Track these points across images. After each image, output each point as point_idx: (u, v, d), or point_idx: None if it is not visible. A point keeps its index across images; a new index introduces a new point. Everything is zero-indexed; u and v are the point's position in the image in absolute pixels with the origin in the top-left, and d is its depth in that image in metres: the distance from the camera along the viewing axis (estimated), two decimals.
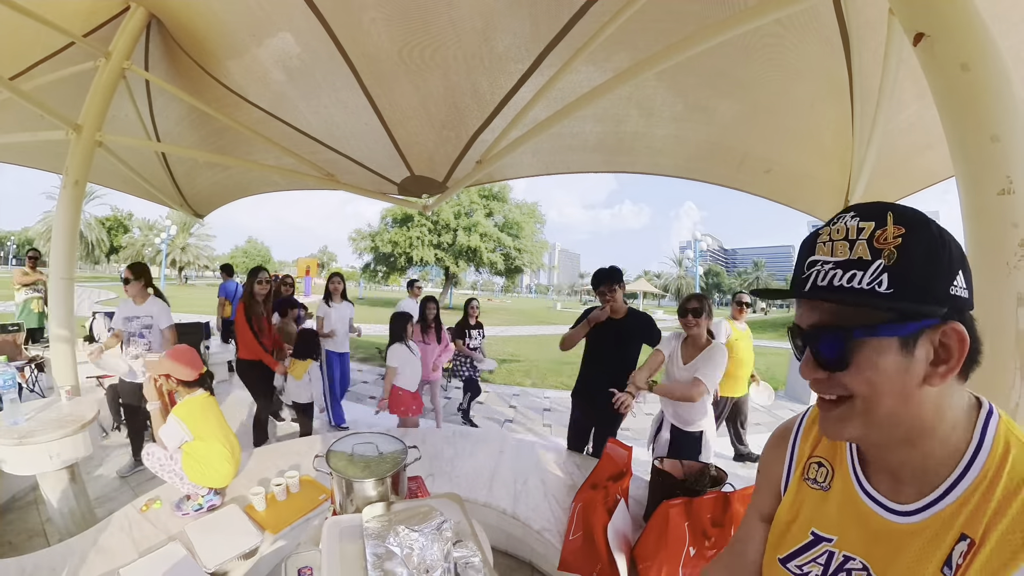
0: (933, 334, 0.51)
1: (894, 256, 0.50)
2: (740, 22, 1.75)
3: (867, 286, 0.50)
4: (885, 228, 0.51)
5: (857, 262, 0.51)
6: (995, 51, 1.12)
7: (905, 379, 0.51)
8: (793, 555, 0.68)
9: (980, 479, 0.52)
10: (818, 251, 0.55)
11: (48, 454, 2.18)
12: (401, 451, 1.56)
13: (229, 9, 2.53)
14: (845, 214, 0.54)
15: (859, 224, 0.52)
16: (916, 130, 2.53)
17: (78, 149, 2.80)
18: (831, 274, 0.53)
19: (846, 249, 0.52)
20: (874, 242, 0.51)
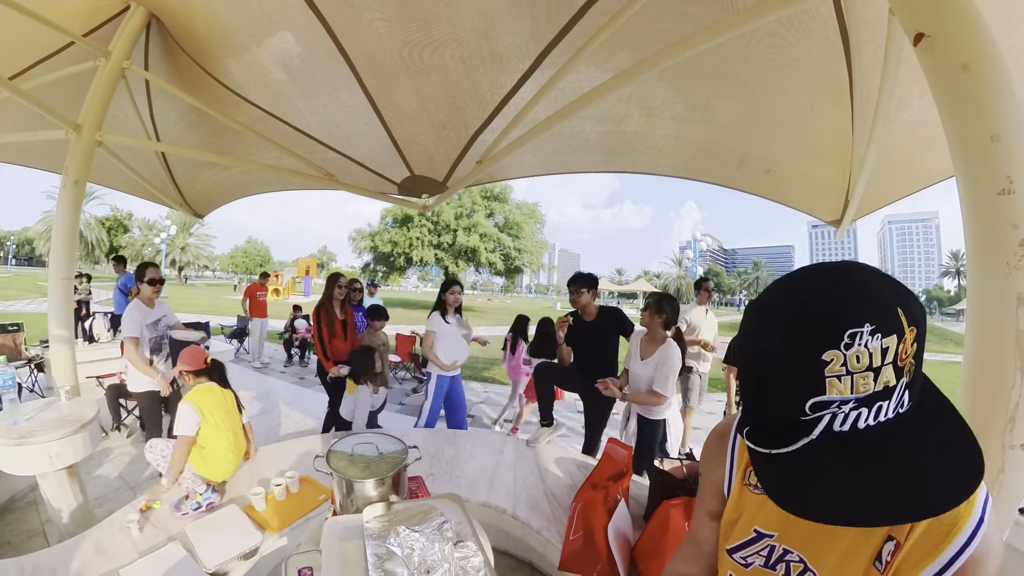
0: None
1: (913, 367, 0.42)
2: (740, 22, 1.75)
3: (892, 415, 0.42)
4: (904, 338, 0.41)
5: (882, 392, 0.41)
6: (995, 51, 1.12)
7: None
8: (739, 547, 0.71)
9: None
10: (830, 389, 0.42)
11: (48, 454, 2.18)
12: (401, 451, 1.56)
13: (229, 9, 2.53)
14: (859, 330, 0.41)
15: (883, 343, 0.41)
16: (916, 130, 2.53)
17: (78, 149, 2.80)
18: (853, 416, 0.42)
19: (870, 382, 0.41)
20: (898, 362, 0.41)
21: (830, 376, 0.41)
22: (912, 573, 0.51)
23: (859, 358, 0.41)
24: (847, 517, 0.43)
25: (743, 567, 0.71)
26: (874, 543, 0.55)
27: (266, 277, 8.84)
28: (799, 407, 0.44)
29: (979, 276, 1.14)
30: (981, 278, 1.14)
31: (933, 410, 0.44)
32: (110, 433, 4.01)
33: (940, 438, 0.42)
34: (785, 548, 0.65)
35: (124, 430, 4.08)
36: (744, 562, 0.71)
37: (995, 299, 1.10)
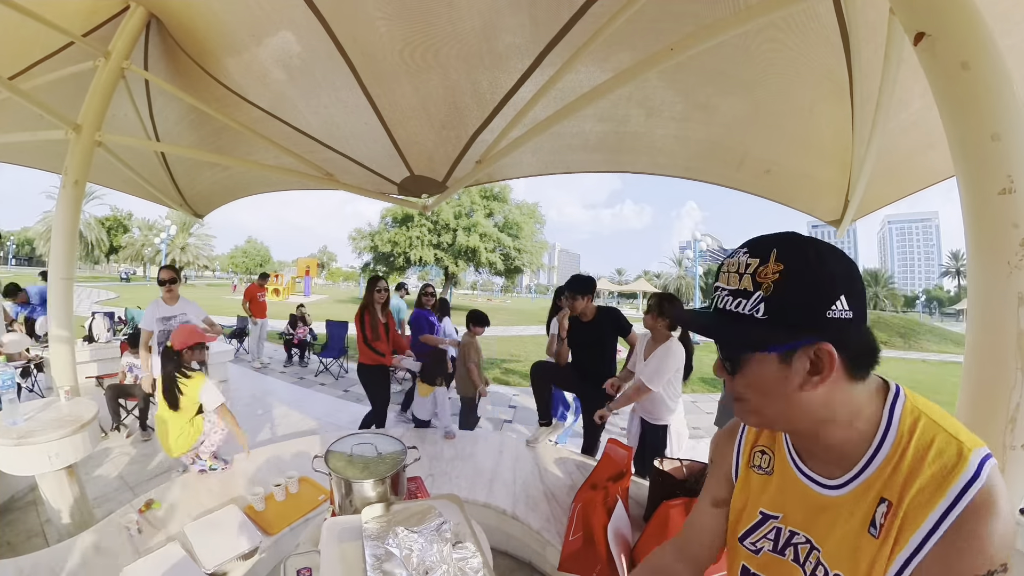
0: (808, 350, 0.60)
1: (771, 289, 0.59)
2: (740, 22, 1.75)
3: (747, 312, 0.61)
4: (767, 265, 0.60)
5: (742, 292, 0.61)
6: (995, 50, 1.12)
7: (784, 386, 0.62)
8: (748, 533, 0.77)
9: (892, 452, 0.61)
10: (720, 279, 0.65)
11: (47, 454, 2.18)
12: (400, 452, 1.56)
13: (229, 9, 2.53)
14: (740, 250, 0.64)
15: (747, 260, 0.62)
16: (917, 129, 2.53)
17: (77, 149, 2.80)
18: (726, 300, 0.63)
19: (736, 280, 0.62)
20: (756, 276, 0.60)
21: (721, 272, 0.66)
22: (904, 536, 0.57)
23: (733, 264, 0.63)
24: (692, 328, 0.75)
25: (754, 554, 0.76)
26: (865, 507, 0.62)
27: (265, 278, 8.82)
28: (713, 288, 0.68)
29: (980, 276, 1.14)
30: (982, 278, 1.13)
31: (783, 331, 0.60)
32: (109, 433, 4.00)
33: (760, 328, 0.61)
34: (791, 530, 0.71)
35: (123, 430, 4.08)
36: (754, 548, 0.76)
37: (996, 299, 1.10)
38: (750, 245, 0.63)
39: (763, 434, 0.81)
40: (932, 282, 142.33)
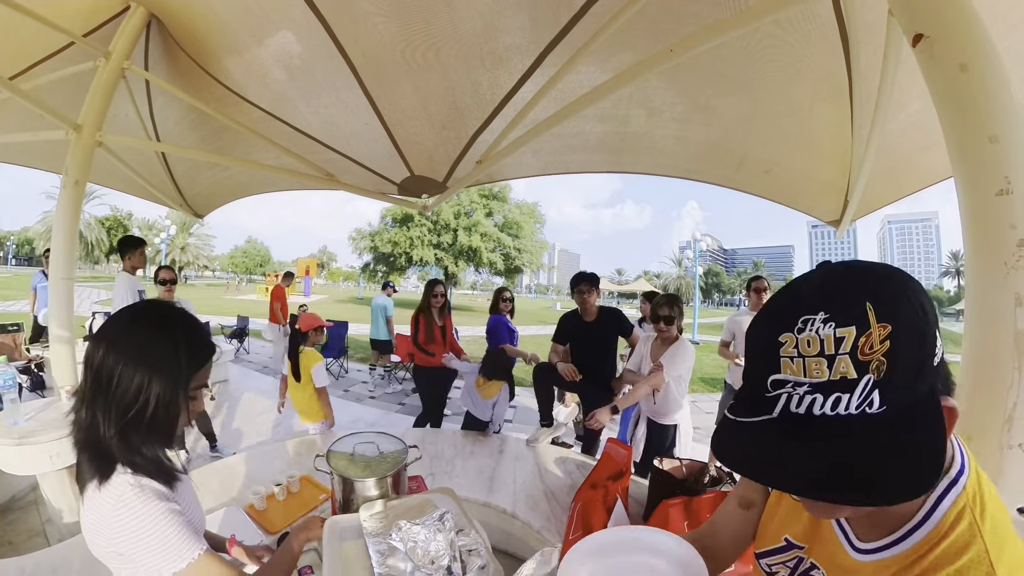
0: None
1: (884, 367, 0.41)
2: (740, 22, 1.75)
3: (856, 411, 0.42)
4: (869, 333, 0.41)
5: (840, 383, 0.42)
6: (993, 52, 1.12)
7: None
8: (767, 554, 0.70)
9: (924, 542, 0.50)
10: (784, 368, 0.44)
11: (48, 454, 2.18)
12: (402, 451, 1.56)
13: (229, 9, 2.53)
14: (813, 316, 0.43)
15: (836, 333, 0.42)
16: (915, 130, 2.54)
17: (78, 149, 2.80)
18: (808, 400, 0.43)
19: (824, 368, 0.42)
20: (858, 355, 0.41)
21: (784, 356, 0.44)
22: None
23: (810, 343, 0.43)
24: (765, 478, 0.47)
25: (767, 574, 0.70)
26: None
27: (290, 277, 8.34)
28: (763, 383, 0.46)
29: (978, 276, 1.15)
30: (979, 278, 1.14)
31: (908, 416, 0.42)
32: None
33: (897, 441, 0.41)
34: (812, 563, 0.63)
35: None
36: (769, 569, 0.70)
37: (993, 299, 1.10)
38: (824, 304, 0.43)
39: None
40: (932, 282, 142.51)
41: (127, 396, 0.81)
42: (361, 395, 6.49)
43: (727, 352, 4.21)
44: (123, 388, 0.81)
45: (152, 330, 0.85)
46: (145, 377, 0.81)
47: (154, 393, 0.81)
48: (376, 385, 7.15)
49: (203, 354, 0.88)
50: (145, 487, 0.82)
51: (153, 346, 0.83)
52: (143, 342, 0.83)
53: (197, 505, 1.01)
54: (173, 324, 0.87)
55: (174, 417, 0.85)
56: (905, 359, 0.41)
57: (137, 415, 0.81)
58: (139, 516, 0.78)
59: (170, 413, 0.84)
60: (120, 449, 0.82)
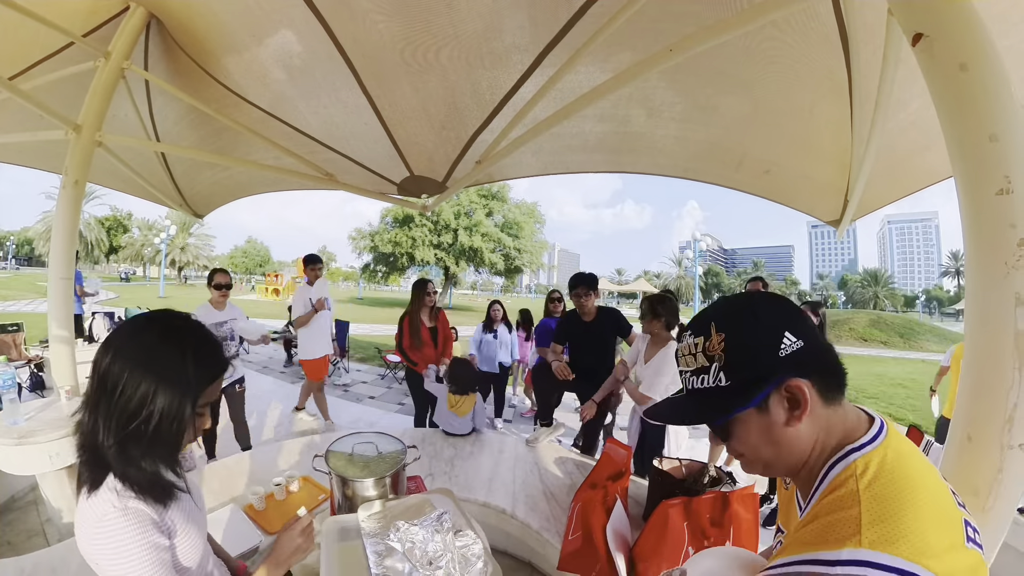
0: (779, 392, 0.65)
1: (723, 358, 0.66)
2: (740, 23, 1.75)
3: (713, 384, 0.67)
4: (710, 339, 0.67)
5: (702, 369, 0.68)
6: (993, 51, 1.12)
7: (771, 432, 0.66)
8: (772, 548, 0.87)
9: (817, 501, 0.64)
10: (680, 363, 0.74)
11: (47, 454, 2.18)
12: (400, 451, 1.56)
13: (228, 9, 2.53)
14: (686, 333, 0.72)
15: (694, 340, 0.70)
16: (915, 130, 2.53)
17: (77, 149, 2.80)
18: (691, 380, 0.71)
19: (693, 361, 0.70)
20: (707, 351, 0.67)
21: (680, 358, 0.74)
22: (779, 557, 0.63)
23: (685, 348, 0.72)
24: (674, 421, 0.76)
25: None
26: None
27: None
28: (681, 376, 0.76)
29: (977, 276, 1.14)
30: (979, 278, 1.14)
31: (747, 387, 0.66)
32: None
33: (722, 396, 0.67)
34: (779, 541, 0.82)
35: None
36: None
37: (993, 299, 1.10)
38: (691, 327, 0.72)
39: None
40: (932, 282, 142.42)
41: (130, 406, 0.78)
42: (361, 395, 6.49)
43: None
44: (127, 397, 0.78)
45: (161, 340, 0.81)
46: (151, 388, 0.78)
47: (158, 406, 0.78)
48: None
49: (214, 369, 0.85)
50: (130, 512, 0.79)
51: (161, 357, 0.80)
52: (151, 352, 0.80)
53: (197, 519, 0.95)
54: (183, 336, 0.83)
55: (178, 433, 0.82)
56: (738, 353, 0.65)
57: (139, 427, 0.78)
58: (116, 542, 0.76)
59: (174, 429, 0.81)
60: (117, 459, 0.80)
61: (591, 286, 3.19)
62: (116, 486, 0.80)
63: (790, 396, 0.64)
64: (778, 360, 0.64)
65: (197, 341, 0.84)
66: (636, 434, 2.92)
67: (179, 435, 0.82)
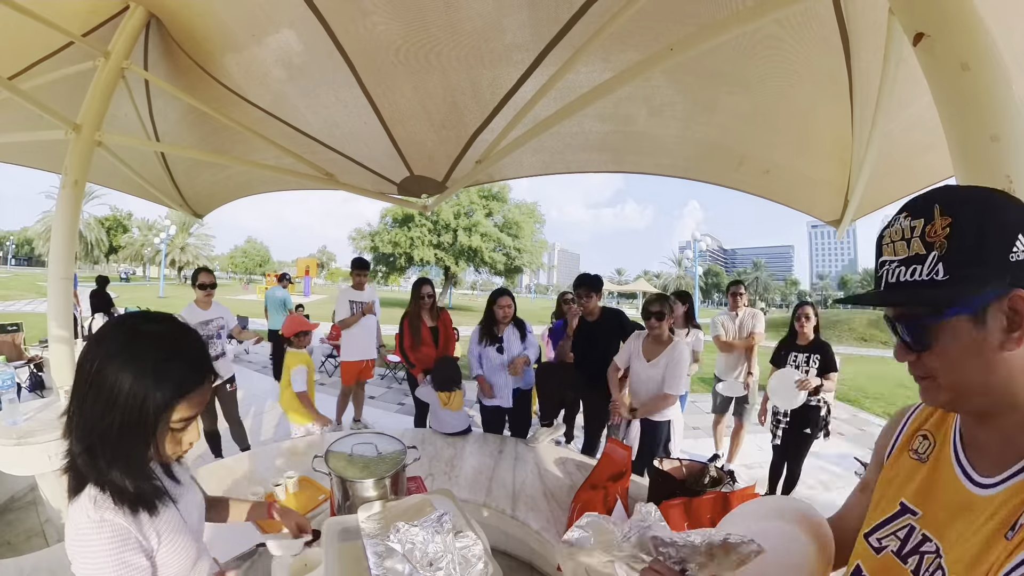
0: (1001, 303, 0.54)
1: (945, 246, 0.55)
2: (740, 22, 1.75)
3: (927, 277, 0.56)
4: (933, 223, 0.56)
5: (915, 258, 0.58)
6: (995, 51, 1.12)
7: (983, 349, 0.56)
8: (877, 527, 0.71)
9: None
10: (884, 252, 0.62)
11: (47, 454, 2.18)
12: (400, 451, 1.56)
13: (228, 8, 2.53)
14: (899, 215, 0.61)
15: (911, 223, 0.59)
16: (916, 130, 2.53)
17: (77, 149, 2.79)
18: (897, 271, 0.60)
19: (904, 248, 0.59)
20: (926, 237, 0.57)
21: (883, 244, 0.63)
22: None
23: (895, 232, 0.61)
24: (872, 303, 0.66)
25: (875, 552, 0.70)
26: (1010, 508, 0.54)
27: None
28: (877, 268, 0.65)
29: None
30: None
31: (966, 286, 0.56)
32: None
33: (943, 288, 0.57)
34: (924, 534, 0.64)
35: None
36: (878, 545, 0.70)
37: None
38: (908, 208, 0.60)
39: (932, 418, 0.75)
40: None
41: (94, 414, 0.74)
42: None
43: (720, 341, 4.26)
44: (90, 405, 0.74)
45: (126, 350, 0.74)
46: (111, 400, 0.72)
47: (117, 420, 0.73)
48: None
49: (185, 384, 0.77)
50: (104, 525, 0.75)
51: (126, 367, 0.73)
52: (114, 361, 0.74)
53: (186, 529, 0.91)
54: (148, 346, 0.76)
55: (140, 448, 0.76)
56: (962, 243, 0.54)
57: (101, 438, 0.74)
58: (90, 554, 0.74)
59: (135, 444, 0.75)
60: (86, 467, 0.76)
61: (593, 287, 3.19)
62: (95, 495, 0.76)
63: (1012, 311, 0.54)
64: (1008, 264, 0.53)
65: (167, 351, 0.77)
66: (636, 436, 2.93)
67: (141, 451, 0.77)
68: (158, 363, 0.75)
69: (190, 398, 0.78)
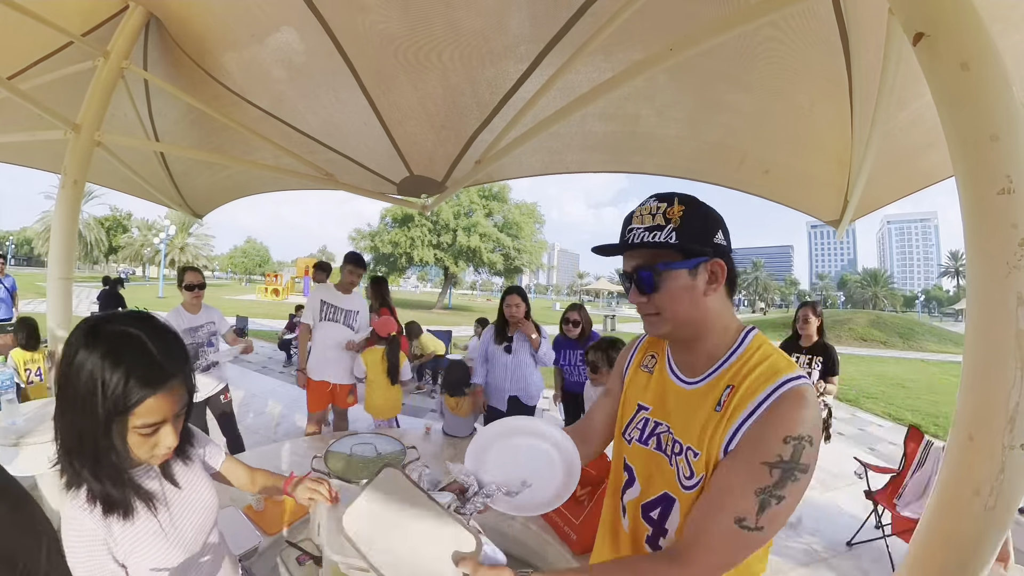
0: (707, 265, 0.83)
1: (678, 222, 0.81)
2: (740, 22, 1.75)
3: (663, 239, 0.82)
4: (672, 207, 0.82)
5: (657, 227, 0.82)
6: (995, 51, 1.12)
7: (693, 293, 0.84)
8: (626, 427, 0.99)
9: (740, 358, 0.85)
10: (635, 221, 0.85)
11: (46, 455, 2.17)
12: (399, 452, 1.56)
13: (228, 8, 2.53)
14: (651, 199, 0.86)
15: (658, 204, 0.83)
16: (916, 130, 2.53)
17: (77, 149, 2.79)
18: (642, 234, 0.83)
19: (651, 219, 0.83)
20: (666, 214, 0.82)
21: (636, 214, 0.87)
22: (738, 411, 0.78)
23: (647, 209, 0.85)
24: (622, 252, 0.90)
25: (628, 444, 0.97)
26: (715, 393, 0.83)
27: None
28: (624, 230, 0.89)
29: (979, 276, 1.14)
30: (981, 278, 1.13)
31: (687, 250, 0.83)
32: None
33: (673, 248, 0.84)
34: (656, 421, 0.93)
35: None
36: (628, 438, 0.97)
37: (995, 299, 1.09)
38: (657, 196, 0.85)
39: (653, 344, 1.04)
40: (931, 282, 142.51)
41: (63, 416, 0.74)
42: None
43: None
44: (60, 406, 0.74)
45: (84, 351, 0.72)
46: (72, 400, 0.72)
47: (77, 422, 0.73)
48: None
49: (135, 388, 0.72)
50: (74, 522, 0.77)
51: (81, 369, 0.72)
52: (74, 363, 0.72)
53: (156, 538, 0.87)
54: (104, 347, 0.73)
55: (104, 452, 0.75)
56: (689, 224, 0.82)
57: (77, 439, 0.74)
58: (68, 547, 0.76)
59: (96, 447, 0.74)
60: (65, 467, 0.77)
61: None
62: (74, 494, 0.78)
63: (712, 272, 0.84)
64: (712, 244, 0.83)
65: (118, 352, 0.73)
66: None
67: (107, 453, 0.75)
68: (110, 365, 0.72)
69: (146, 403, 0.74)
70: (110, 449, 0.75)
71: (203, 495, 0.99)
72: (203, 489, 1.00)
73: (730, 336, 0.87)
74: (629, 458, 0.96)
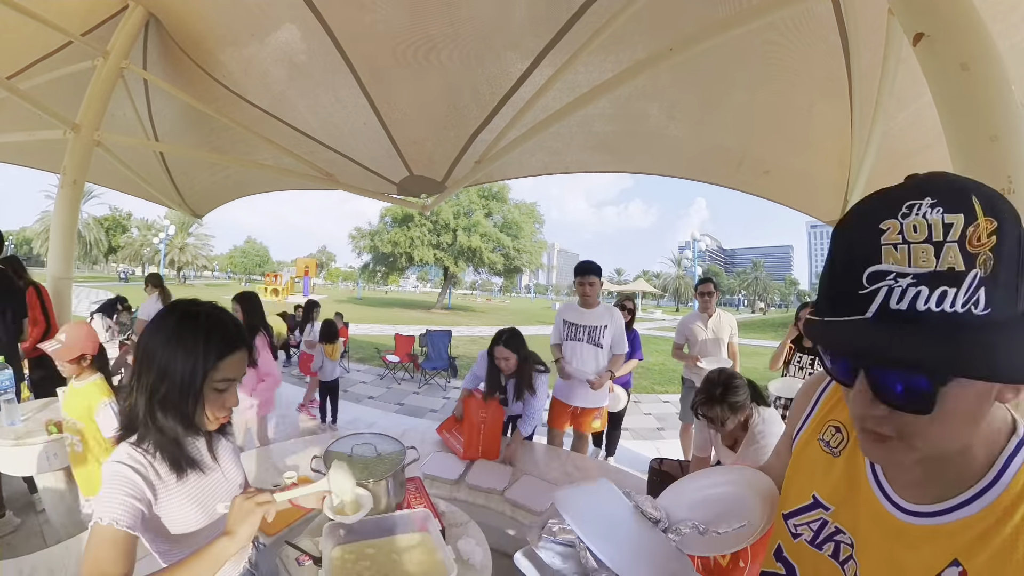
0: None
1: (990, 262, 0.36)
2: (740, 22, 1.75)
3: (962, 309, 0.36)
4: (977, 223, 0.37)
5: (948, 275, 0.37)
6: (994, 51, 1.12)
7: (985, 406, 0.41)
8: (794, 513, 0.66)
9: (990, 511, 0.44)
10: (886, 257, 0.39)
11: (46, 455, 2.17)
12: (400, 452, 1.56)
13: (228, 8, 2.53)
14: (920, 201, 0.39)
15: (944, 219, 0.37)
16: (915, 129, 2.53)
17: (76, 148, 2.79)
18: (912, 294, 0.37)
19: (931, 256, 0.37)
20: (967, 245, 0.37)
21: (886, 244, 0.39)
22: None
23: (917, 228, 0.38)
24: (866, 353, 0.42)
25: (792, 537, 0.66)
26: (936, 563, 0.47)
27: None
28: (858, 277, 0.40)
29: None
30: None
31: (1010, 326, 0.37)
32: None
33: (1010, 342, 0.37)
34: (838, 527, 0.59)
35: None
36: (795, 531, 0.66)
37: None
38: (930, 191, 0.39)
39: (836, 406, 0.64)
40: None
41: (153, 374, 0.93)
42: (360, 395, 6.47)
43: (682, 354, 3.77)
44: (152, 370, 0.93)
45: (180, 320, 0.97)
46: (168, 362, 0.92)
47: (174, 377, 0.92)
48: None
49: (221, 348, 0.97)
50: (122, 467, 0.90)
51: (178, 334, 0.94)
52: (170, 332, 0.95)
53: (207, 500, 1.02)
54: (198, 316, 0.98)
55: (192, 399, 0.94)
56: (1010, 258, 0.37)
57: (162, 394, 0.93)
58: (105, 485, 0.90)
59: (186, 395, 0.93)
60: (144, 421, 0.94)
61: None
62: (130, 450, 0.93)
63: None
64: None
65: (209, 323, 0.97)
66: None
67: (192, 401, 0.94)
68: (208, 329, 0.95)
69: (228, 360, 0.96)
70: (196, 397, 0.94)
71: (231, 473, 1.14)
72: (233, 468, 1.14)
73: (981, 459, 0.46)
74: (790, 552, 0.66)
